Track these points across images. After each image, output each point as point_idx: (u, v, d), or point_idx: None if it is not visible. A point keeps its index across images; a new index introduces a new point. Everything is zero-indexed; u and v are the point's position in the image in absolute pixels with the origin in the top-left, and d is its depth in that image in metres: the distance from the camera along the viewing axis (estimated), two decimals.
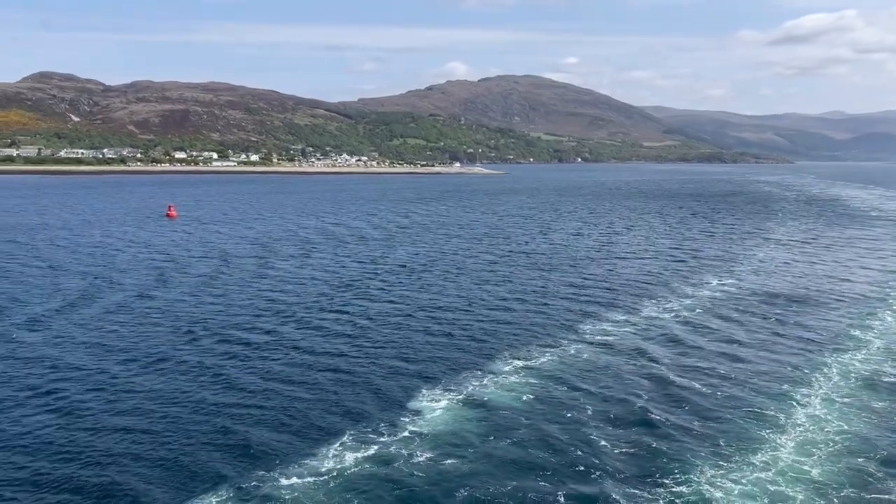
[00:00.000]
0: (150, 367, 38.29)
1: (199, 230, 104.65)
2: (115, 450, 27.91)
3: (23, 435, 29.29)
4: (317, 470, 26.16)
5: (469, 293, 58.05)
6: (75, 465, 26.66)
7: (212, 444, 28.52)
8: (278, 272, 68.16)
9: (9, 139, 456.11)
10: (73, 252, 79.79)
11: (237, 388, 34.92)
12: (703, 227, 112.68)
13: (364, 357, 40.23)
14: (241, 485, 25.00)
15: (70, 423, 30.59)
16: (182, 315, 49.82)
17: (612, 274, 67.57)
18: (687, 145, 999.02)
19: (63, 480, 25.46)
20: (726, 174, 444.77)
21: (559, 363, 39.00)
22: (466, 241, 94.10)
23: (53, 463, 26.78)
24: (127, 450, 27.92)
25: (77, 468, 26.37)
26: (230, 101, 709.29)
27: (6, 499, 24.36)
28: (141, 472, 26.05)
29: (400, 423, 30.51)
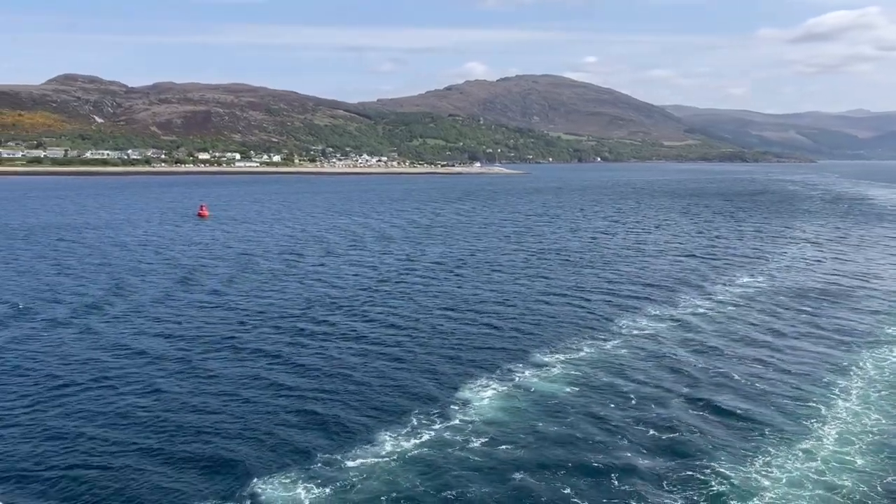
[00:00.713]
0: (219, 353, 40.66)
1: (236, 229, 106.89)
2: (200, 426, 29.95)
3: (112, 413, 31.39)
4: (378, 453, 27.50)
5: (505, 289, 59.41)
6: (163, 438, 28.49)
7: (279, 427, 30.08)
8: (320, 268, 70.26)
9: (35, 140, 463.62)
10: (124, 249, 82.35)
11: (298, 376, 36.62)
12: (731, 226, 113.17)
13: (411, 348, 41.70)
14: (307, 466, 26.43)
15: (154, 401, 32.83)
16: (239, 307, 52.19)
17: (644, 271, 68.55)
18: (708, 144, 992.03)
19: (151, 452, 27.21)
20: (748, 173, 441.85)
21: (598, 356, 40.07)
22: (497, 239, 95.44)
23: (142, 436, 28.68)
24: (204, 427, 29.85)
25: (164, 442, 28.13)
26: (251, 103, 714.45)
27: (105, 467, 26.01)
28: (211, 452, 27.63)
29: (450, 410, 31.78)
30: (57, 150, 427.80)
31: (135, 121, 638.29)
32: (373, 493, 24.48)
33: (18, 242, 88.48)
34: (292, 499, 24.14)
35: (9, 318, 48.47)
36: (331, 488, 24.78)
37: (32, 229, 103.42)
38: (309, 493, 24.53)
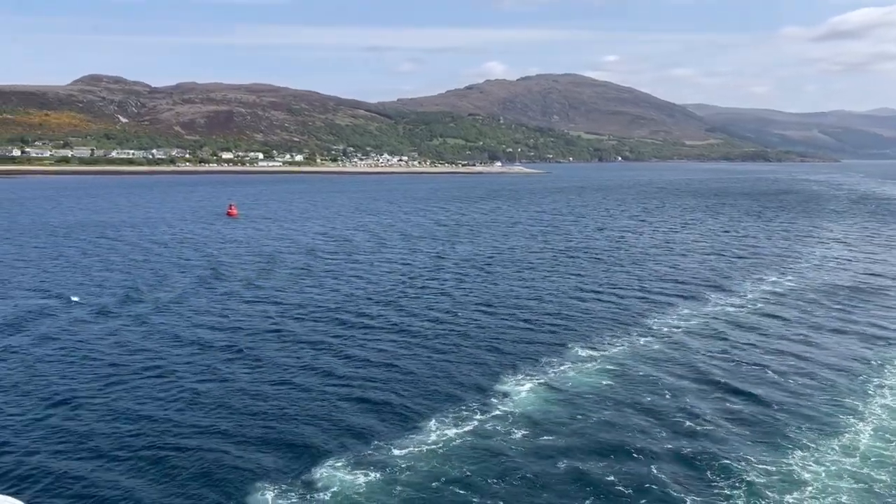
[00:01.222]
0: (266, 343, 42.53)
1: (268, 227, 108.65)
2: (258, 412, 31.49)
3: (175, 398, 33.02)
4: (424, 441, 28.52)
5: (536, 285, 60.41)
6: (225, 422, 29.97)
7: (331, 414, 31.41)
8: (355, 264, 71.90)
9: (61, 140, 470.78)
10: (163, 247, 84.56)
11: (344, 366, 38.03)
12: (758, 225, 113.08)
13: (449, 341, 42.82)
14: (359, 451, 27.53)
15: (213, 387, 34.63)
16: (281, 301, 53.98)
17: (673, 269, 69.05)
18: (730, 144, 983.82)
19: (216, 434, 28.45)
20: (772, 173, 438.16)
21: (632, 352, 40.75)
22: (524, 237, 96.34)
23: (206, 419, 30.13)
24: (262, 413, 31.37)
25: (227, 425, 29.55)
26: (273, 103, 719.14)
27: (175, 447, 27.27)
28: (270, 436, 28.82)
29: (490, 403, 32.69)
30: (83, 149, 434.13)
31: (158, 121, 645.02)
32: (423, 478, 25.44)
33: (62, 240, 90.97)
34: (348, 482, 25.20)
35: (64, 310, 50.38)
36: (382, 473, 25.79)
37: (72, 227, 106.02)
38: (363, 476, 25.59)
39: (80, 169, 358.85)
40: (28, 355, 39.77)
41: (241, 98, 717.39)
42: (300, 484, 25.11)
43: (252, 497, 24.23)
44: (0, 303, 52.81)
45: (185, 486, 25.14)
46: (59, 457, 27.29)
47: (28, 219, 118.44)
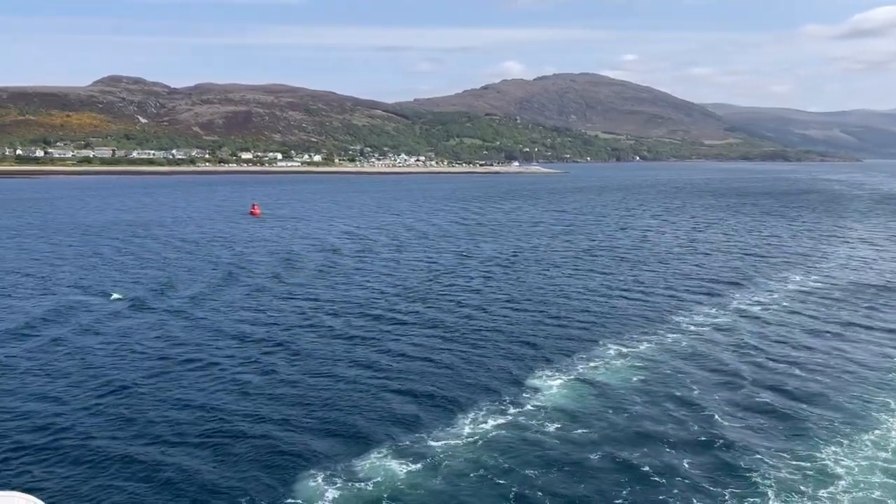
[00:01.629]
0: (305, 338, 43.89)
1: (293, 227, 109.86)
2: (303, 402, 32.66)
3: (226, 388, 34.17)
4: (460, 433, 29.26)
5: (562, 284, 61.08)
6: (274, 410, 30.76)
7: (370, 406, 32.32)
8: (381, 262, 73.08)
9: (82, 140, 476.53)
10: (194, 245, 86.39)
11: (381, 361, 39.04)
12: (781, 225, 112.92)
13: (480, 338, 43.54)
14: (399, 442, 28.30)
15: (260, 378, 35.96)
16: (316, 297, 55.39)
17: (698, 268, 69.37)
18: (749, 143, 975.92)
19: (267, 421, 29.37)
20: (792, 172, 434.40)
21: (660, 349, 41.23)
22: (547, 237, 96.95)
23: (257, 407, 31.19)
24: (307, 403, 32.52)
25: (275, 413, 30.41)
26: (290, 103, 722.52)
27: (228, 433, 28.26)
28: (315, 425, 29.77)
29: (523, 396, 33.38)
30: (104, 149, 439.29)
31: (177, 121, 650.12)
32: (460, 468, 26.13)
33: (96, 238, 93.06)
34: (391, 470, 25.98)
35: (106, 306, 52.04)
36: (423, 463, 26.55)
37: (105, 226, 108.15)
38: (404, 465, 26.36)
39: (101, 169, 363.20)
40: (77, 348, 41.14)
41: (259, 98, 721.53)
42: (345, 471, 25.92)
43: (301, 484, 25.06)
44: (44, 298, 54.40)
45: (238, 470, 26.14)
46: (118, 441, 28.51)
47: (61, 218, 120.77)
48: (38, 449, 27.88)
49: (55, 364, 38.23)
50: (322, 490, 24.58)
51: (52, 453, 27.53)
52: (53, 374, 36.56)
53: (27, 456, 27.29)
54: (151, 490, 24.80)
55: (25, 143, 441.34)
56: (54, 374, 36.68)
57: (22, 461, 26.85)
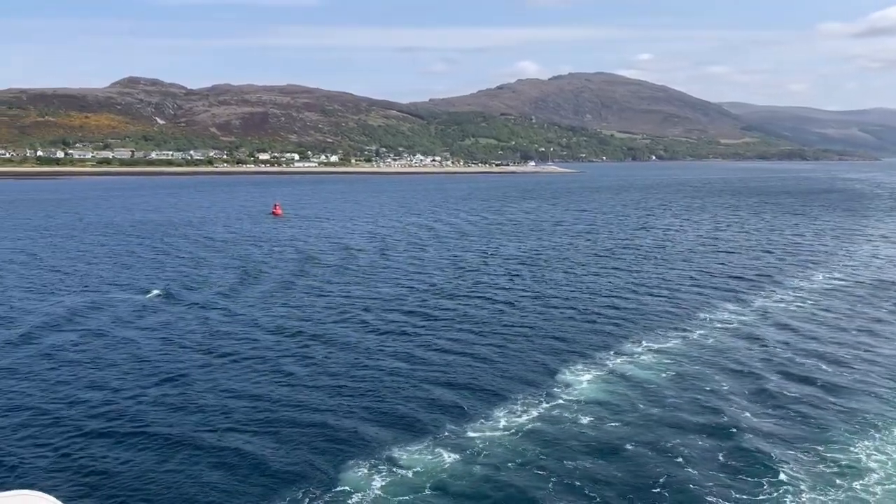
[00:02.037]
0: (341, 332, 44.98)
1: (317, 226, 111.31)
2: (344, 394, 33.43)
3: (271, 380, 35.09)
4: (497, 425, 30.02)
5: (588, 281, 61.79)
6: (313, 399, 31.64)
7: (409, 398, 33.20)
8: (408, 261, 74.12)
9: (101, 142, 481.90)
10: (223, 243, 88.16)
11: (415, 355, 39.89)
12: (803, 223, 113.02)
13: (511, 333, 44.35)
14: (438, 433, 29.10)
15: (302, 370, 36.96)
16: (348, 294, 56.62)
17: (722, 266, 69.78)
18: (766, 142, 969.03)
19: (313, 411, 30.28)
20: (811, 172, 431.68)
21: (688, 345, 41.74)
22: (570, 236, 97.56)
23: (303, 399, 32.00)
24: (348, 394, 33.35)
25: (320, 404, 31.29)
26: (306, 104, 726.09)
27: (275, 421, 29.22)
28: (357, 417, 30.61)
29: (554, 392, 34.04)
30: (123, 150, 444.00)
31: (195, 122, 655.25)
32: (499, 459, 26.83)
33: (129, 237, 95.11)
34: (431, 460, 26.79)
35: (146, 302, 53.61)
36: (462, 453, 27.30)
37: (135, 226, 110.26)
38: (444, 456, 27.12)
39: (121, 170, 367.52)
40: (122, 341, 42.58)
41: (276, 99, 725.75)
42: (389, 459, 26.79)
43: (349, 471, 25.91)
44: (84, 295, 55.93)
45: (289, 456, 27.15)
46: (172, 428, 29.75)
47: (91, 218, 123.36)
48: (100, 434, 29.12)
49: (103, 356, 39.67)
50: (369, 477, 25.43)
51: (112, 438, 28.83)
52: (102, 365, 37.95)
53: (93, 439, 28.58)
54: (206, 471, 25.89)
55: (45, 145, 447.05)
56: (103, 365, 38.07)
57: (87, 445, 28.00)
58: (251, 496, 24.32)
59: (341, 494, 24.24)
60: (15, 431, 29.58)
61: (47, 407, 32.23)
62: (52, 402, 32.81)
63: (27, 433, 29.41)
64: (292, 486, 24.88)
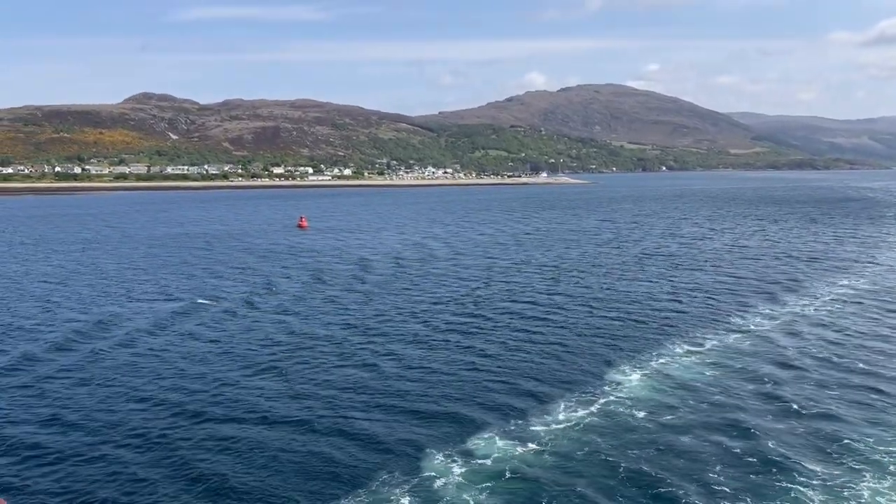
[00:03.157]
0: (390, 336, 46.95)
1: (346, 238, 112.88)
2: (410, 392, 35.26)
3: (344, 381, 36.77)
4: (556, 419, 31.91)
5: (624, 287, 63.84)
6: (379, 398, 33.67)
7: (472, 396, 35.16)
8: (449, 269, 76.55)
9: (116, 157, 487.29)
10: (257, 256, 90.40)
11: (473, 356, 41.94)
12: (825, 231, 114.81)
13: (558, 336, 46.44)
14: (503, 427, 30.98)
15: (359, 371, 38.47)
16: (388, 301, 58.72)
17: (750, 272, 71.57)
18: (776, 152, 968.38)
19: (382, 409, 32.27)
20: (823, 181, 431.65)
21: (726, 347, 43.48)
22: (597, 245, 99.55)
23: (360, 396, 33.92)
24: (415, 393, 35.25)
25: (389, 402, 33.29)
26: (317, 118, 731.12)
27: (351, 419, 31.20)
28: (427, 413, 32.59)
29: (606, 389, 35.94)
30: (139, 166, 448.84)
31: (207, 137, 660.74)
32: (566, 450, 28.67)
33: (171, 250, 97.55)
34: (503, 451, 28.64)
35: (196, 311, 55.62)
36: (530, 445, 29.16)
37: (173, 239, 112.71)
38: (514, 448, 28.97)
39: (138, 185, 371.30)
40: (181, 349, 44.63)
41: (287, 114, 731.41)
42: (463, 449, 28.68)
43: (425, 462, 27.79)
44: (172, 302, 58.50)
45: (372, 443, 29.26)
46: (246, 423, 31.79)
47: (126, 231, 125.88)
48: (196, 419, 31.28)
49: (167, 364, 41.74)
50: (448, 463, 27.39)
51: (215, 421, 31.48)
52: (165, 374, 39.92)
53: (198, 423, 30.79)
54: (302, 458, 27.95)
55: (61, 160, 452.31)
56: (167, 373, 40.16)
57: (176, 433, 30.09)
58: (343, 479, 26.31)
59: (426, 479, 26.15)
60: (138, 401, 32.35)
61: (163, 396, 35.27)
62: (169, 391, 36.08)
63: (139, 407, 31.70)
64: (381, 470, 26.89)
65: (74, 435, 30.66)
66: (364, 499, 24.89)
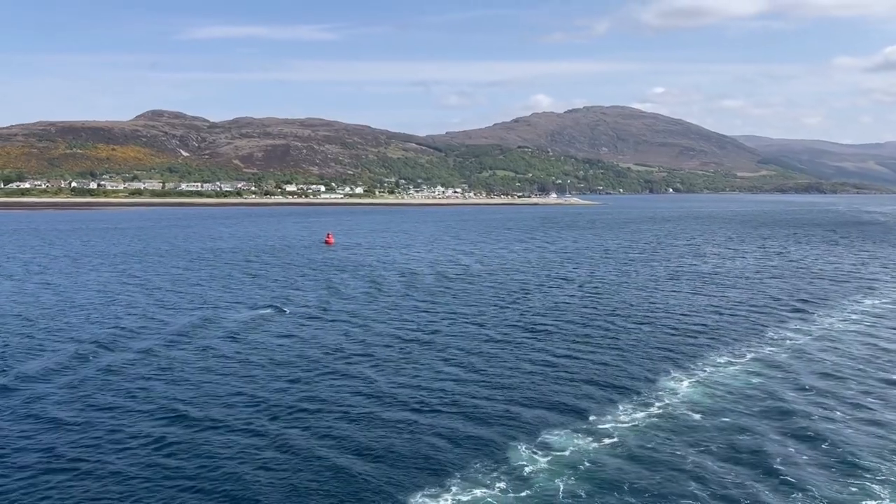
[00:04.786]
0: (449, 340, 49.27)
1: (380, 254, 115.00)
2: (482, 393, 37.44)
3: (405, 383, 39.06)
4: (621, 419, 34.24)
5: (659, 302, 66.37)
6: (461, 402, 35.94)
7: (541, 397, 37.72)
8: (489, 284, 78.69)
9: (128, 173, 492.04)
10: (303, 268, 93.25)
11: (530, 362, 44.31)
12: (845, 253, 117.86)
13: (607, 345, 49.03)
14: (574, 426, 33.25)
15: (430, 375, 40.62)
16: (446, 311, 61.68)
17: (778, 291, 73.87)
18: (783, 175, 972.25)
19: (457, 408, 34.63)
20: (833, 205, 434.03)
21: (764, 358, 45.67)
22: (625, 262, 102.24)
23: (428, 398, 36.30)
24: (485, 395, 37.30)
25: (463, 403, 35.58)
26: (327, 136, 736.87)
27: (417, 421, 33.55)
28: (500, 411, 34.90)
29: (661, 393, 38.25)
30: (153, 182, 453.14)
31: (218, 154, 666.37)
32: (634, 445, 30.91)
33: (204, 263, 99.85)
34: (578, 445, 30.97)
35: (269, 318, 58.57)
36: (603, 441, 31.49)
37: (213, 252, 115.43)
38: (587, 443, 31.30)
39: (154, 201, 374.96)
40: (255, 350, 47.26)
41: (297, 132, 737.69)
42: (541, 444, 31.05)
43: (511, 453, 30.19)
44: (200, 311, 60.84)
45: (457, 441, 31.52)
46: (316, 418, 34.30)
47: (161, 245, 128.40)
48: (275, 412, 33.64)
49: (237, 366, 44.42)
50: (532, 455, 29.75)
51: (305, 414, 33.64)
52: (237, 375, 42.61)
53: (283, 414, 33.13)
54: (403, 448, 30.32)
55: (74, 176, 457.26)
56: (239, 375, 42.83)
57: (270, 423, 32.50)
58: (441, 465, 28.76)
59: (516, 467, 28.61)
60: (221, 399, 34.68)
61: (245, 388, 37.80)
62: (257, 389, 38.38)
63: (227, 401, 34.27)
64: (474, 458, 29.38)
65: (207, 421, 33.43)
66: (463, 483, 27.24)
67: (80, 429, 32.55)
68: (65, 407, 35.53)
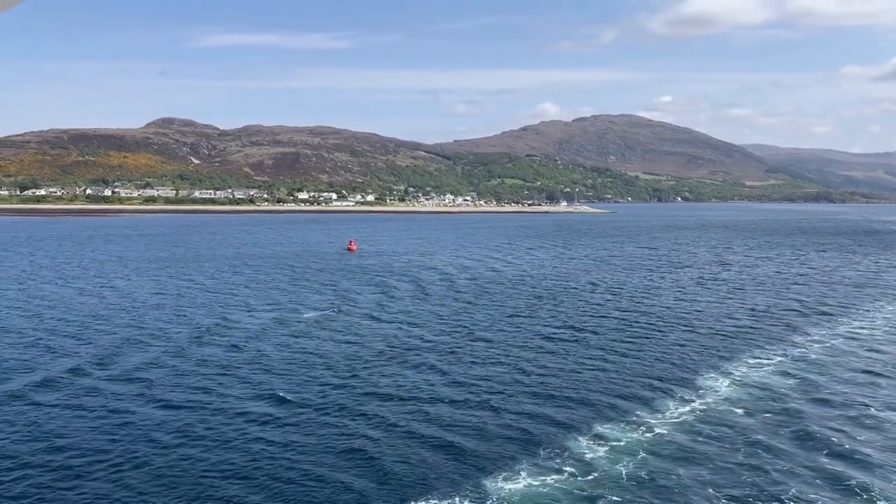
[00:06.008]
0: (482, 344, 51.00)
1: (406, 260, 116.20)
2: (522, 392, 39.43)
3: (438, 384, 41.21)
4: (670, 414, 36.36)
5: (689, 307, 68.25)
6: (502, 402, 38.05)
7: (586, 397, 39.55)
8: (519, 290, 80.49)
9: (140, 180, 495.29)
10: (340, 274, 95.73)
11: (573, 364, 46.41)
12: (866, 260, 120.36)
13: (646, 347, 50.98)
14: (625, 420, 35.26)
15: (462, 374, 42.68)
16: (481, 314, 64.14)
17: (802, 296, 76.06)
18: (792, 184, 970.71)
19: (496, 409, 36.79)
20: (844, 214, 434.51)
21: (796, 359, 47.80)
22: (650, 270, 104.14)
23: (469, 397, 38.43)
24: (528, 393, 39.39)
25: (503, 403, 37.66)
26: (336, 144, 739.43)
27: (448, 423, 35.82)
28: (548, 412, 36.99)
29: (702, 392, 40.28)
30: (166, 189, 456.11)
31: (229, 162, 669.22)
32: (683, 437, 32.96)
33: (242, 268, 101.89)
34: (629, 438, 33.02)
35: (327, 319, 61.18)
36: (655, 432, 33.59)
37: (249, 258, 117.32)
38: (638, 435, 33.25)
39: (168, 208, 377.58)
40: (305, 346, 49.77)
41: (306, 140, 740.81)
42: (597, 435, 33.17)
43: (571, 442, 32.31)
44: (254, 314, 63.24)
45: (521, 431, 33.69)
46: (415, 406, 36.72)
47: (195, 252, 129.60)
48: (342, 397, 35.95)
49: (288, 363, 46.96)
50: (591, 445, 31.81)
51: (370, 403, 35.95)
52: (294, 372, 45.15)
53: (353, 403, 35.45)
54: (457, 440, 32.45)
55: (87, 183, 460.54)
56: (295, 371, 45.37)
57: (342, 407, 34.85)
58: (507, 455, 30.77)
59: (578, 454, 30.82)
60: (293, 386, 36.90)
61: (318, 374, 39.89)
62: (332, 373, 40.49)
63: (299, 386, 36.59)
64: (539, 446, 31.61)
65: (286, 410, 35.90)
66: (532, 469, 29.37)
67: (188, 409, 36.40)
68: (176, 390, 40.17)
